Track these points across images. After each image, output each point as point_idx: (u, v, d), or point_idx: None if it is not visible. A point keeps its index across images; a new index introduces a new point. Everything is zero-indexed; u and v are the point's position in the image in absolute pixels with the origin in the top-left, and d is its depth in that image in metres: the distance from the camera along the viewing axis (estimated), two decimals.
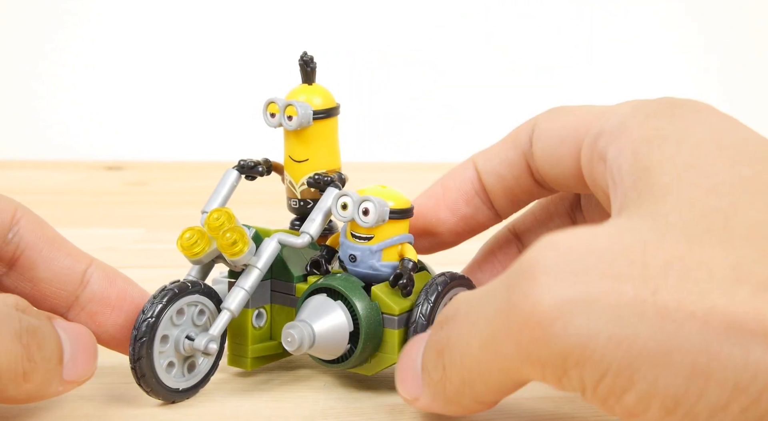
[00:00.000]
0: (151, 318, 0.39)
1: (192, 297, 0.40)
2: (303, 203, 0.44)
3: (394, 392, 0.42)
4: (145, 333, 0.39)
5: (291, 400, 0.41)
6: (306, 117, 0.42)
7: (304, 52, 0.43)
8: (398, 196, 0.41)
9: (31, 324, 0.36)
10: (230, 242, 0.40)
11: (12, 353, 0.35)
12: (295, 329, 0.40)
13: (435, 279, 0.41)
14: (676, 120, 0.35)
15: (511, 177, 0.42)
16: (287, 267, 0.42)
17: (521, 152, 0.42)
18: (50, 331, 0.37)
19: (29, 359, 0.36)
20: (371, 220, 0.40)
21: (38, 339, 0.36)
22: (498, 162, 0.42)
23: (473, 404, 0.35)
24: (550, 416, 0.40)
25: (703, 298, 0.29)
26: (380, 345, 0.41)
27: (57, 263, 0.40)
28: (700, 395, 0.29)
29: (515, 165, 0.42)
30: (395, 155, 0.97)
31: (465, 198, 0.43)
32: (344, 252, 0.42)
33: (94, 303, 0.41)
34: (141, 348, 0.39)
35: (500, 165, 0.42)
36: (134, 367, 0.39)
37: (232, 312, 0.41)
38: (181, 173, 0.90)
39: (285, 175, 0.44)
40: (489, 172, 0.43)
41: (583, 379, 0.30)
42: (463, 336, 0.33)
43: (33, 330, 0.36)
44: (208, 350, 0.40)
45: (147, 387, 0.40)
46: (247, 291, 0.41)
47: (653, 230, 0.31)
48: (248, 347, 0.42)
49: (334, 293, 0.41)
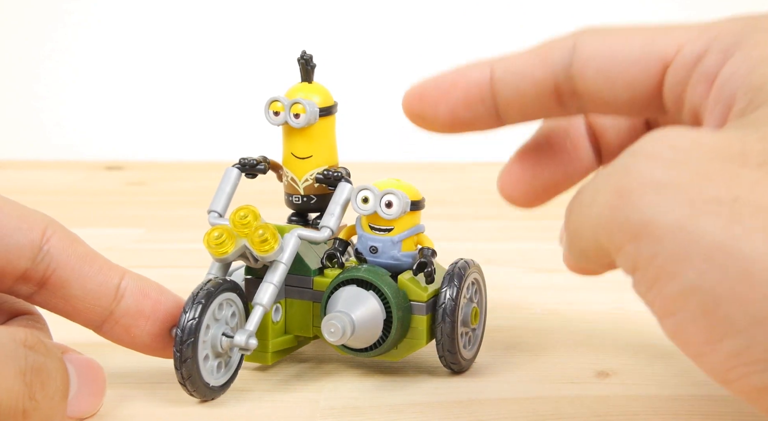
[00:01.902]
0: (194, 319, 0.39)
1: (226, 294, 0.41)
2: (306, 199, 0.44)
3: (394, 392, 0.42)
4: (190, 335, 0.39)
5: (291, 400, 0.41)
6: (313, 114, 0.43)
7: (303, 51, 0.44)
8: (412, 189, 0.43)
9: (37, 362, 0.36)
10: (262, 238, 0.41)
11: (13, 391, 0.35)
12: (337, 319, 0.41)
13: (455, 265, 0.43)
14: None
15: (533, 95, 0.39)
16: (303, 261, 0.43)
17: (551, 72, 0.39)
18: (57, 368, 0.37)
19: (30, 398, 0.35)
20: (395, 212, 0.42)
21: (42, 377, 0.36)
22: (521, 78, 0.39)
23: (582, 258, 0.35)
24: (550, 416, 0.40)
25: None
26: (408, 331, 0.43)
27: (90, 280, 0.40)
28: (742, 300, 0.29)
29: (540, 84, 0.39)
30: (395, 155, 0.97)
31: (466, 101, 0.40)
32: (364, 244, 0.43)
33: (129, 317, 0.40)
34: (187, 350, 0.39)
35: (523, 81, 0.39)
36: (180, 368, 0.39)
37: (265, 307, 0.41)
38: (181, 173, 0.90)
39: (285, 172, 0.44)
40: (508, 85, 0.39)
41: (638, 255, 0.30)
42: (584, 195, 0.34)
43: (38, 368, 0.36)
44: (248, 345, 0.40)
45: (192, 388, 0.40)
46: (276, 286, 0.41)
47: (758, 137, 0.31)
48: (269, 341, 0.43)
49: (364, 283, 0.42)
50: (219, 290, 0.40)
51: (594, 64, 0.37)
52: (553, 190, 0.42)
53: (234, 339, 0.40)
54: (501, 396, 0.42)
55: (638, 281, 0.31)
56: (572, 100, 0.39)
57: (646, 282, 0.30)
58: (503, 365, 0.45)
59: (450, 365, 0.43)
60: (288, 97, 0.43)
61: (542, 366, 0.45)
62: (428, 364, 0.45)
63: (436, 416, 0.40)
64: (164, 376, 0.43)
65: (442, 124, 0.41)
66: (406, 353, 0.43)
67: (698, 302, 0.29)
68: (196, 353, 0.39)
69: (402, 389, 0.42)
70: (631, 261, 0.31)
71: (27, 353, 0.36)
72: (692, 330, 0.30)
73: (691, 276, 0.29)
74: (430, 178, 0.88)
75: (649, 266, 0.30)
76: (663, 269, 0.30)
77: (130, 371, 0.44)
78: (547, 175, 0.42)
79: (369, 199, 0.42)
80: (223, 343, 0.40)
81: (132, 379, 0.43)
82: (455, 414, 0.40)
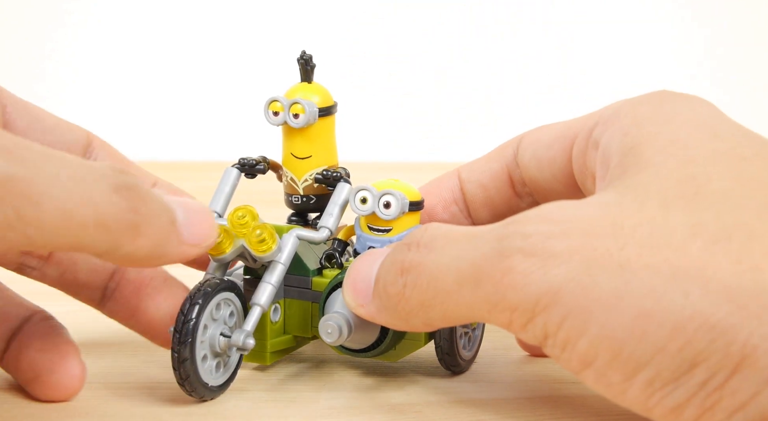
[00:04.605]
0: (192, 320, 0.39)
1: (224, 294, 0.41)
2: (306, 199, 0.44)
3: (394, 392, 0.42)
4: (187, 336, 0.39)
5: (291, 400, 0.41)
6: (312, 115, 0.43)
7: (303, 51, 0.44)
8: (411, 189, 0.43)
9: (130, 181, 0.35)
10: (260, 239, 0.40)
11: (113, 203, 0.34)
12: (333, 320, 0.40)
13: None
14: (664, 105, 0.39)
15: (492, 187, 0.45)
16: (302, 261, 0.43)
17: (504, 164, 0.45)
18: (153, 191, 0.36)
19: (135, 212, 0.35)
20: (393, 213, 0.42)
21: (141, 195, 0.35)
22: (481, 172, 0.45)
23: (420, 325, 0.38)
24: (550, 416, 0.40)
25: (660, 251, 0.32)
26: (405, 332, 0.42)
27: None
28: (642, 336, 0.32)
29: (497, 176, 0.45)
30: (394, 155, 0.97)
31: (443, 204, 0.46)
32: (362, 244, 0.43)
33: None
34: (185, 350, 0.39)
35: (483, 175, 0.45)
36: (178, 369, 0.39)
37: (263, 307, 0.41)
38: (181, 173, 0.90)
39: (284, 172, 0.44)
40: (471, 182, 0.46)
41: (547, 324, 0.33)
42: (440, 266, 0.36)
43: (133, 186, 0.35)
44: (245, 345, 0.40)
45: (190, 388, 0.40)
46: (274, 286, 0.41)
47: (632, 198, 0.34)
48: (267, 341, 0.43)
49: None
50: (216, 290, 0.40)
51: (530, 149, 0.44)
52: None
53: (231, 339, 0.40)
54: (501, 396, 0.42)
55: (552, 346, 0.34)
56: (524, 188, 0.45)
57: (559, 345, 0.33)
58: (503, 365, 0.45)
59: (450, 367, 0.43)
60: (287, 98, 0.43)
61: (542, 366, 0.45)
62: (428, 364, 0.45)
63: (436, 416, 0.40)
64: (164, 376, 0.43)
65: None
66: (405, 354, 0.43)
67: (606, 349, 0.32)
68: (194, 353, 0.39)
69: (402, 389, 0.42)
70: (541, 330, 0.34)
71: (117, 173, 0.35)
72: (609, 374, 0.33)
73: (595, 330, 0.32)
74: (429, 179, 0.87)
75: (559, 331, 0.33)
76: (572, 329, 0.33)
77: (130, 371, 0.44)
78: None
79: (367, 200, 0.42)
80: (221, 343, 0.40)
81: (132, 379, 0.43)
82: (455, 414, 0.40)
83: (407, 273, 0.37)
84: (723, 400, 0.31)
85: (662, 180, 0.35)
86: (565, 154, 0.42)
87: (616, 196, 0.35)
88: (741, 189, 0.34)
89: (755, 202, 0.34)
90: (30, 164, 0.32)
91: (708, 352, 0.31)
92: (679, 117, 0.38)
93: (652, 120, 0.38)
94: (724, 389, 0.31)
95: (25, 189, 0.32)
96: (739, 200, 0.34)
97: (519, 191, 0.45)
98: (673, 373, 0.32)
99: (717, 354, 0.31)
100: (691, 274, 0.32)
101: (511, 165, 0.45)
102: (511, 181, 0.45)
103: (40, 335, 0.41)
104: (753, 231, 0.33)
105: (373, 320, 0.39)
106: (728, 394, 0.31)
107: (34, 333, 0.41)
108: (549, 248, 0.34)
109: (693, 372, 0.32)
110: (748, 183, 0.34)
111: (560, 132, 0.43)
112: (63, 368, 0.40)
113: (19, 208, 0.31)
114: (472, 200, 0.46)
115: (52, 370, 0.40)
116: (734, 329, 0.31)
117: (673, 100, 0.39)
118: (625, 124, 0.38)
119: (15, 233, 0.32)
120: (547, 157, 0.43)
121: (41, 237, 0.32)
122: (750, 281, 0.31)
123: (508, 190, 0.45)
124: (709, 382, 0.31)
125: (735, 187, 0.34)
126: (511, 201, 0.45)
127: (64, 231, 0.33)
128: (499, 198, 0.45)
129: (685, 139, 0.36)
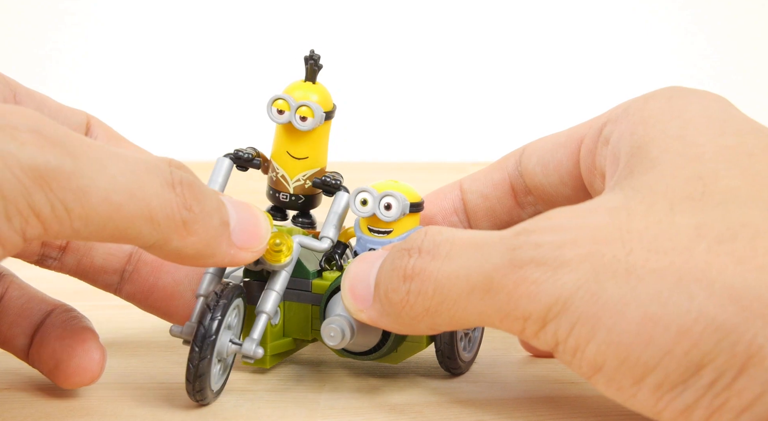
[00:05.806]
0: (212, 336, 0.39)
1: (236, 301, 0.41)
2: (294, 198, 0.44)
3: (394, 392, 0.42)
4: (206, 351, 0.39)
5: (291, 400, 0.41)
6: (320, 119, 0.43)
7: (312, 50, 0.43)
8: (411, 190, 0.43)
9: (185, 177, 0.35)
10: (277, 249, 0.40)
11: (165, 199, 0.34)
12: (336, 323, 0.40)
13: None
14: (673, 101, 0.39)
15: (494, 196, 0.45)
16: (302, 264, 0.43)
17: (507, 174, 0.45)
18: (209, 190, 0.36)
19: (187, 208, 0.35)
20: (394, 214, 0.42)
21: (194, 192, 0.35)
22: (482, 183, 0.46)
23: (424, 329, 0.38)
24: (550, 416, 0.40)
25: (666, 255, 0.33)
26: (407, 335, 0.42)
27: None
28: (648, 341, 0.32)
29: (499, 185, 0.45)
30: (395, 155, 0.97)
31: (443, 213, 0.46)
32: (363, 246, 0.43)
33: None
34: (204, 365, 0.39)
35: (484, 185, 0.46)
36: (194, 382, 0.39)
37: (269, 314, 0.41)
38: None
39: (275, 168, 0.44)
40: (473, 192, 0.46)
41: (557, 331, 0.34)
42: (447, 274, 0.36)
43: (188, 183, 0.35)
44: (256, 354, 0.40)
45: (201, 397, 0.39)
46: (279, 293, 0.41)
47: (639, 200, 0.35)
48: (267, 344, 0.43)
49: None
50: (232, 299, 0.40)
51: (535, 155, 0.44)
52: None
53: (242, 348, 0.40)
54: (501, 396, 0.42)
55: (562, 352, 0.34)
56: (526, 198, 0.45)
57: (570, 352, 0.34)
58: (503, 365, 0.45)
59: (450, 370, 0.43)
60: (288, 94, 0.43)
61: (542, 367, 0.45)
62: (428, 364, 0.45)
63: (436, 416, 0.40)
64: (164, 376, 0.43)
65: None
66: (406, 356, 0.43)
67: (614, 354, 0.33)
68: (210, 366, 0.39)
69: (402, 389, 0.42)
70: (552, 337, 0.34)
71: (172, 169, 0.35)
72: (618, 378, 0.33)
73: (603, 335, 0.33)
74: (429, 179, 0.87)
75: (569, 337, 0.34)
76: (581, 335, 0.33)
77: (130, 371, 0.44)
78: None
79: (368, 202, 0.42)
80: (229, 350, 0.40)
81: (132, 379, 0.43)
82: (455, 414, 0.40)
83: (411, 280, 0.37)
84: (730, 400, 0.32)
85: (669, 180, 0.35)
86: (572, 157, 0.42)
87: (624, 200, 0.35)
88: (748, 187, 0.34)
89: (761, 200, 0.34)
90: (79, 157, 0.32)
91: (714, 353, 0.31)
92: (688, 113, 0.38)
93: (661, 117, 0.38)
94: (732, 390, 0.31)
95: (72, 181, 0.32)
96: (745, 198, 0.34)
97: (521, 201, 0.45)
98: (680, 375, 0.32)
99: (723, 355, 0.31)
100: (695, 276, 0.32)
101: (513, 175, 0.45)
102: (513, 190, 0.45)
103: (60, 325, 0.41)
104: (758, 230, 0.33)
105: (375, 324, 0.39)
106: (735, 394, 0.31)
107: (54, 324, 0.41)
108: (559, 257, 0.34)
109: (700, 374, 0.32)
110: (755, 180, 0.35)
111: (565, 137, 0.43)
112: (82, 353, 0.40)
113: (66, 200, 0.32)
114: (473, 210, 0.46)
115: (72, 355, 0.40)
116: (739, 330, 0.31)
117: (683, 95, 0.39)
118: (633, 121, 0.39)
119: (61, 225, 0.32)
120: (553, 160, 0.43)
121: (86, 228, 0.33)
122: (754, 280, 0.32)
123: (510, 200, 0.45)
124: (716, 383, 0.32)
125: (742, 185, 0.34)
126: (513, 211, 0.45)
127: (110, 223, 0.33)
128: (500, 208, 0.45)
129: (692, 136, 0.36)
